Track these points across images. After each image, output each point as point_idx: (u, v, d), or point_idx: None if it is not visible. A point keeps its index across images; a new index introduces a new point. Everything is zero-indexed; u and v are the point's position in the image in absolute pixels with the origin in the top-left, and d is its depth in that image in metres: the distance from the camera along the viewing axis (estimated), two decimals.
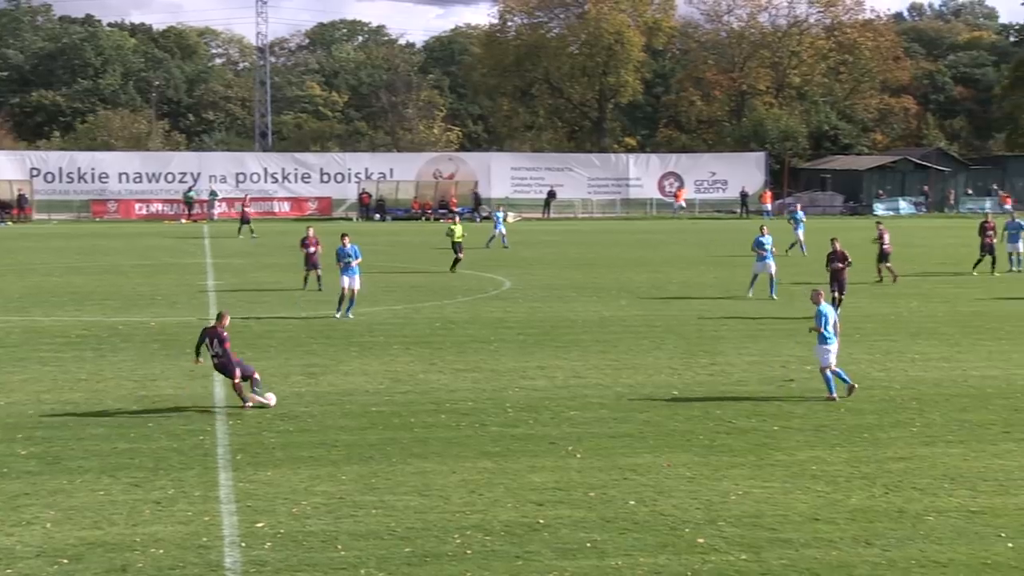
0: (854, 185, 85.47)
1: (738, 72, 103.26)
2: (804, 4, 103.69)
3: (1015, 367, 23.75)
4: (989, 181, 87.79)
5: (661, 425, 18.84)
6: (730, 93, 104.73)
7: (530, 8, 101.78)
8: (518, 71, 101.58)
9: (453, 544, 13.32)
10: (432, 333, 28.12)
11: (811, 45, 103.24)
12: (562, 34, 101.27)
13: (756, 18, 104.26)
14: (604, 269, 43.02)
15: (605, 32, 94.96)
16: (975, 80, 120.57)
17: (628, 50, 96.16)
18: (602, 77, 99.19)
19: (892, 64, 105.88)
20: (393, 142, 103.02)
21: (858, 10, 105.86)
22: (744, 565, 12.68)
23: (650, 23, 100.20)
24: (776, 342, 26.67)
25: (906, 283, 38.19)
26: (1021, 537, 13.49)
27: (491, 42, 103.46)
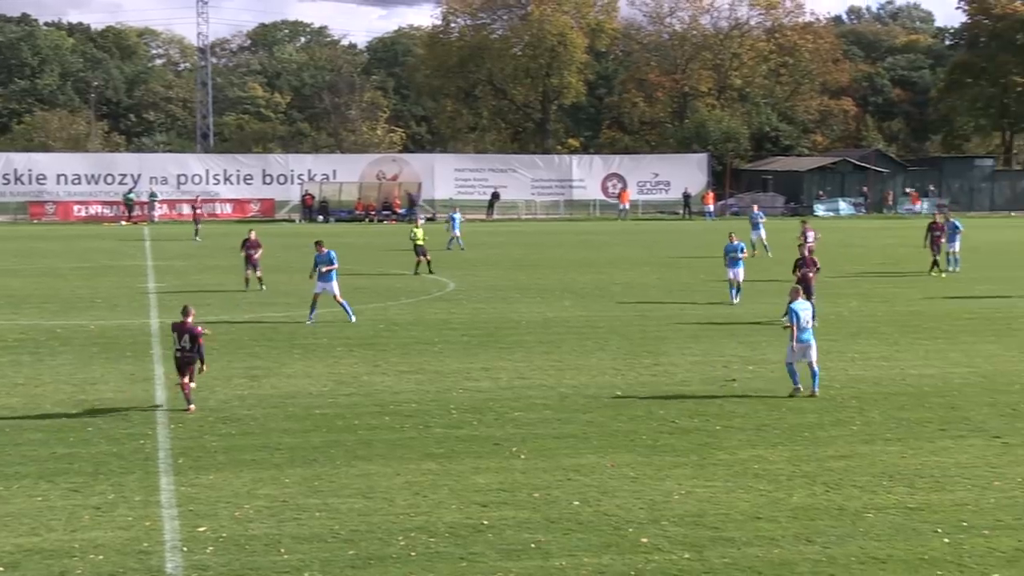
0: (795, 186, 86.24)
1: (680, 74, 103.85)
2: (745, 7, 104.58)
3: (951, 365, 24.08)
4: (926, 182, 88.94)
5: (605, 426, 18.91)
6: (672, 95, 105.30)
7: (473, 9, 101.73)
8: (461, 72, 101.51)
9: (397, 546, 13.29)
10: (376, 335, 28.03)
11: (752, 47, 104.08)
12: (505, 35, 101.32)
13: (698, 20, 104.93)
14: (548, 270, 43.11)
15: (548, 33, 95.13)
16: (912, 83, 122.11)
17: (571, 52, 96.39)
18: (545, 78, 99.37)
19: (831, 66, 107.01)
20: (336, 143, 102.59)
21: (798, 13, 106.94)
22: (687, 564, 12.76)
23: (593, 25, 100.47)
24: (718, 342, 26.85)
25: (846, 283, 38.58)
26: (957, 532, 13.69)
27: (434, 43, 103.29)
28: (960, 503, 14.80)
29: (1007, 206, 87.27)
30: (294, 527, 13.91)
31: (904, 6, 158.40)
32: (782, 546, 13.29)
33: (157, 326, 29.22)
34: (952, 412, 19.86)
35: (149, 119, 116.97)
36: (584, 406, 20.30)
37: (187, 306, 20.75)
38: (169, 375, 22.85)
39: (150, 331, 28.52)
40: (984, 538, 13.51)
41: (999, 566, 12.68)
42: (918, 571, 12.55)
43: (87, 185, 76.88)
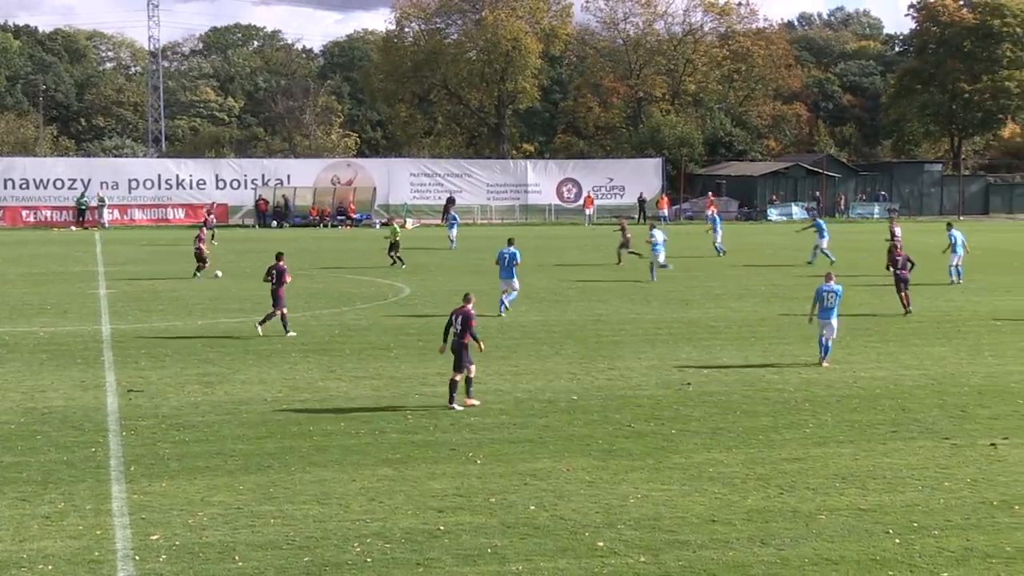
0: (748, 191, 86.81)
1: (635, 79, 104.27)
2: (699, 13, 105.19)
3: (902, 368, 24.32)
4: (877, 187, 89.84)
5: (561, 430, 18.94)
6: (627, 100, 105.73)
7: (428, 14, 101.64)
8: (416, 77, 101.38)
9: (353, 552, 13.25)
10: (331, 340, 27.93)
11: (706, 53, 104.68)
12: (460, 40, 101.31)
13: (652, 26, 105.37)
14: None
15: (503, 38, 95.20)
16: (863, 88, 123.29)
17: (526, 56, 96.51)
18: (500, 83, 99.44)
19: (784, 72, 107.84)
20: (290, 148, 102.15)
21: (751, 19, 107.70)
22: (643, 567, 12.81)
23: (547, 30, 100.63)
24: (674, 346, 26.98)
25: (799, 286, 38.84)
26: (908, 533, 13.82)
27: (389, 48, 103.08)
28: (911, 504, 14.95)
29: (956, 211, 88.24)
30: (248, 534, 13.83)
31: (854, 13, 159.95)
32: (736, 548, 13.36)
33: (108, 332, 28.96)
34: (903, 414, 20.06)
35: (99, 124, 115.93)
36: (540, 410, 20.33)
37: (468, 294, 21.69)
38: (121, 382, 22.68)
39: (101, 337, 28.26)
40: (934, 538, 13.66)
41: (948, 565, 12.82)
42: (870, 572, 12.66)
43: (36, 190, 75.81)
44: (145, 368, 24.26)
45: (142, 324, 30.29)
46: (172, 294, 37.05)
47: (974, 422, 19.47)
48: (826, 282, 25.02)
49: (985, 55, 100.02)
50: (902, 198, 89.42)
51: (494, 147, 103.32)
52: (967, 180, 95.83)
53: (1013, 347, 26.89)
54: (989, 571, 12.65)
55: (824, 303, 24.69)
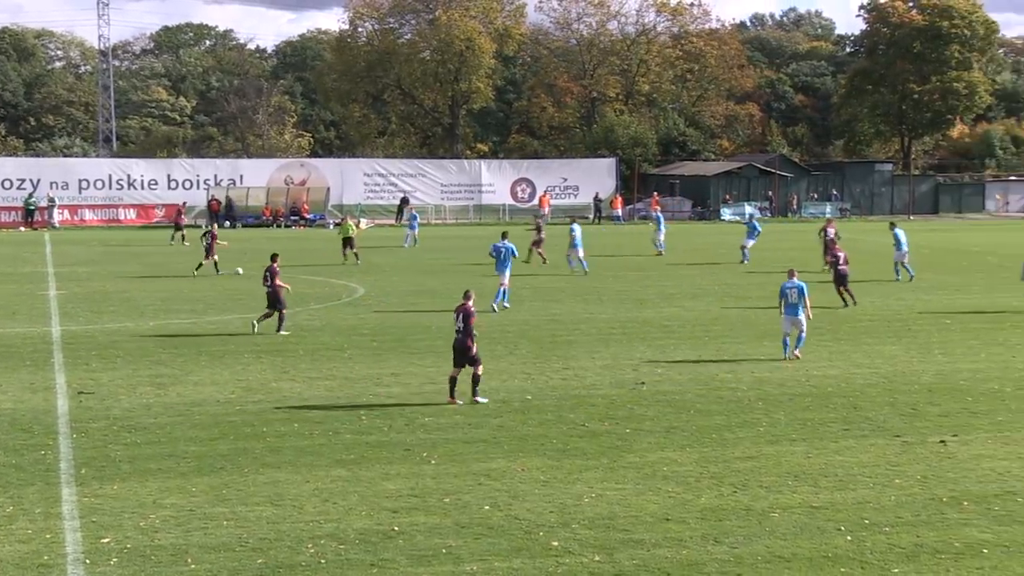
0: (702, 190, 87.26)
1: (588, 79, 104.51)
2: (652, 13, 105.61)
3: (854, 367, 24.52)
4: (829, 186, 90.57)
5: (515, 430, 18.95)
6: (581, 100, 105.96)
7: (381, 14, 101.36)
8: (370, 77, 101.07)
9: (307, 554, 13.19)
10: (284, 341, 27.80)
11: (659, 53, 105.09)
12: (413, 40, 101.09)
13: (605, 26, 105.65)
14: (457, 275, 43.06)
15: (456, 39, 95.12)
16: (815, 89, 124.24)
17: (479, 56, 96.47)
18: (454, 83, 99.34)
19: (737, 72, 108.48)
20: (243, 148, 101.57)
21: (704, 19, 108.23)
22: (597, 567, 12.83)
23: (501, 30, 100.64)
24: (628, 346, 27.05)
25: (752, 286, 39.10)
26: (859, 530, 13.94)
27: (342, 48, 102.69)
28: (862, 501, 15.07)
29: (906, 210, 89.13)
30: (201, 536, 13.73)
31: (806, 14, 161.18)
32: (690, 547, 13.42)
33: (59, 334, 28.68)
34: (855, 412, 20.22)
35: (49, 123, 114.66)
36: (494, 410, 20.33)
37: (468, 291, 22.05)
38: (71, 384, 22.46)
39: (51, 339, 27.97)
40: (885, 535, 13.78)
41: (899, 562, 12.94)
42: (822, 569, 12.76)
43: None
44: (96, 370, 24.05)
45: (93, 325, 30.01)
46: (123, 295, 36.74)
47: (924, 420, 19.66)
48: (789, 279, 25.58)
49: (934, 56, 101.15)
50: (853, 197, 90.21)
51: (448, 147, 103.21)
52: (917, 180, 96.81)
53: (962, 345, 27.19)
54: (938, 567, 12.78)
55: (788, 300, 25.27)
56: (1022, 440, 18.20)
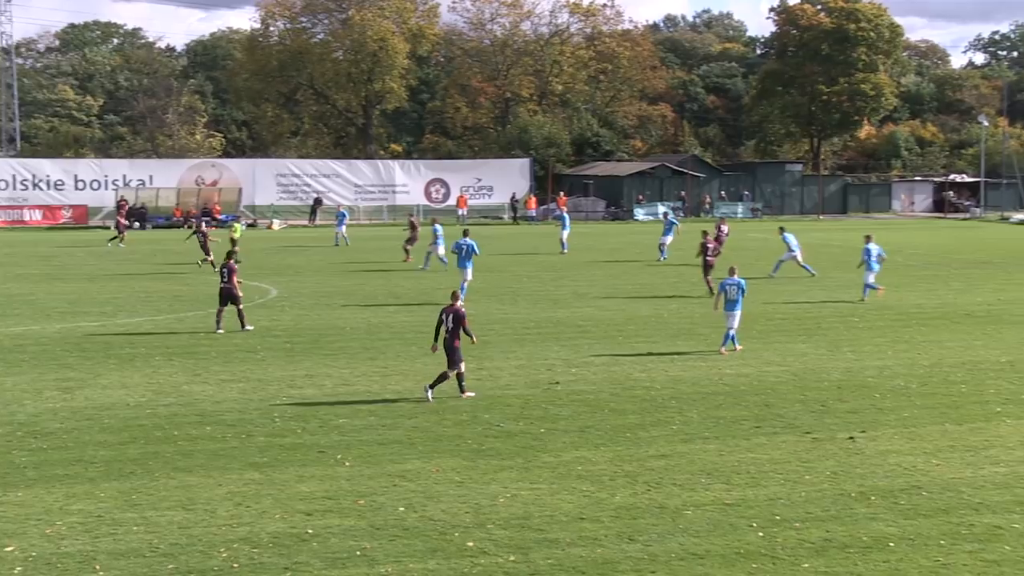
0: (615, 190, 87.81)
1: (502, 79, 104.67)
2: (565, 13, 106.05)
3: (765, 365, 24.82)
4: (741, 186, 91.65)
5: (430, 430, 18.91)
6: (495, 100, 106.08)
7: (293, 14, 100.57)
8: (282, 77, 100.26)
9: (219, 558, 13.04)
10: (196, 343, 27.46)
11: (572, 54, 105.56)
12: (326, 40, 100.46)
13: (519, 26, 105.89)
14: (371, 275, 42.90)
15: (369, 39, 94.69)
16: (726, 90, 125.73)
17: (393, 57, 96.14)
18: (367, 83, 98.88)
19: (649, 73, 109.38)
20: (153, 148, 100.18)
21: (617, 20, 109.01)
22: (512, 567, 12.84)
23: (414, 30, 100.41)
24: (542, 345, 27.12)
25: (666, 285, 39.41)
26: (771, 526, 14.11)
27: (253, 47, 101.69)
28: (773, 498, 15.26)
29: (815, 210, 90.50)
30: (110, 543, 13.51)
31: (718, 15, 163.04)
32: (605, 545, 13.48)
33: None
34: (766, 410, 20.47)
35: None
36: (409, 411, 20.27)
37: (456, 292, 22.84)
38: None
39: None
40: (795, 530, 13.97)
41: (809, 556, 13.12)
42: (734, 565, 12.89)
43: None
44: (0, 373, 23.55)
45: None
46: (28, 298, 36.03)
47: (834, 416, 19.96)
48: (729, 276, 26.59)
49: (842, 58, 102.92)
50: (764, 197, 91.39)
51: (362, 148, 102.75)
52: (826, 180, 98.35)
53: (870, 343, 27.66)
54: (847, 561, 12.99)
55: (727, 296, 26.25)
56: (927, 435, 18.56)
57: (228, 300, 29.19)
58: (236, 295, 29.29)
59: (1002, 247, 58.43)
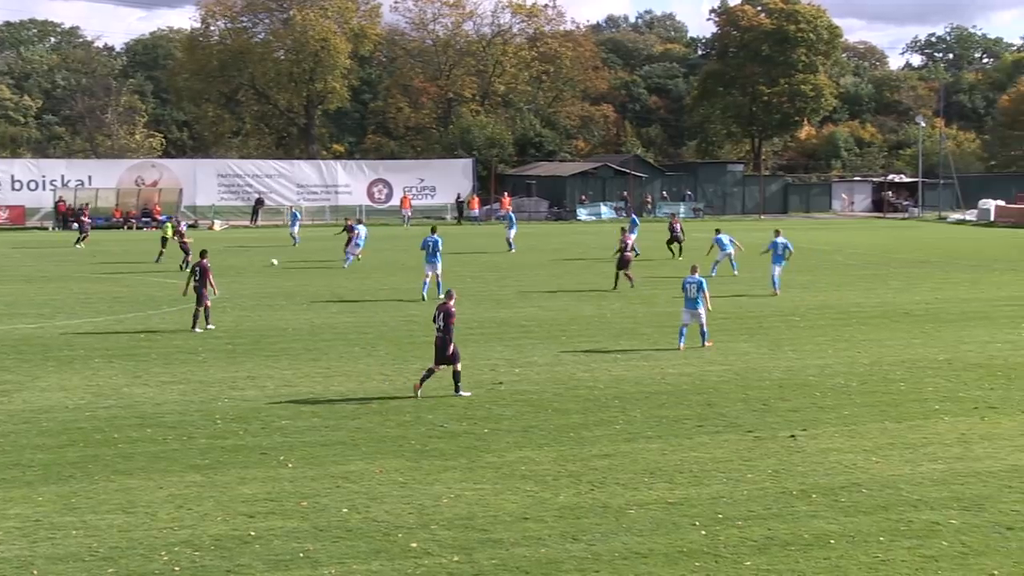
0: (558, 191, 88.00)
1: (445, 80, 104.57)
2: (507, 14, 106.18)
3: (708, 364, 24.98)
4: (683, 186, 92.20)
5: (373, 431, 18.85)
6: (437, 100, 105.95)
7: (234, 13, 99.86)
8: (223, 76, 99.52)
9: (160, 562, 12.91)
10: (136, 345, 27.19)
11: (515, 54, 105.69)
12: (267, 40, 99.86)
13: (461, 27, 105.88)
14: (313, 276, 42.69)
15: (311, 38, 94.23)
16: (668, 90, 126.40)
17: (335, 57, 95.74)
18: (309, 83, 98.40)
19: (592, 73, 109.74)
20: (92, 148, 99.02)
21: (559, 21, 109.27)
22: (456, 567, 12.83)
23: (356, 30, 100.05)
24: (485, 346, 27.12)
25: (606, 284, 39.52)
26: (713, 525, 14.20)
27: (194, 46, 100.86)
28: (716, 496, 15.36)
29: (756, 210, 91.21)
30: (48, 547, 13.34)
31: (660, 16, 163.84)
32: (549, 545, 13.50)
33: None
34: (709, 409, 20.60)
35: None
36: (352, 412, 20.19)
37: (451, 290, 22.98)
38: None
39: None
40: (738, 528, 14.06)
41: (751, 554, 13.22)
42: (677, 564, 12.96)
43: None
44: None
45: None
46: None
47: (775, 415, 20.13)
48: (690, 274, 27.11)
49: (782, 59, 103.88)
50: (706, 197, 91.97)
51: (304, 148, 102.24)
52: (767, 180, 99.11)
53: (810, 342, 27.92)
54: (789, 558, 13.10)
55: (687, 294, 26.76)
56: (867, 433, 18.76)
57: (201, 299, 29.54)
58: (203, 294, 29.50)
59: (940, 246, 59.24)
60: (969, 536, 13.77)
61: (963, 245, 60.67)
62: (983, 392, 22.00)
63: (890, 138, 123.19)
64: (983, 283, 41.13)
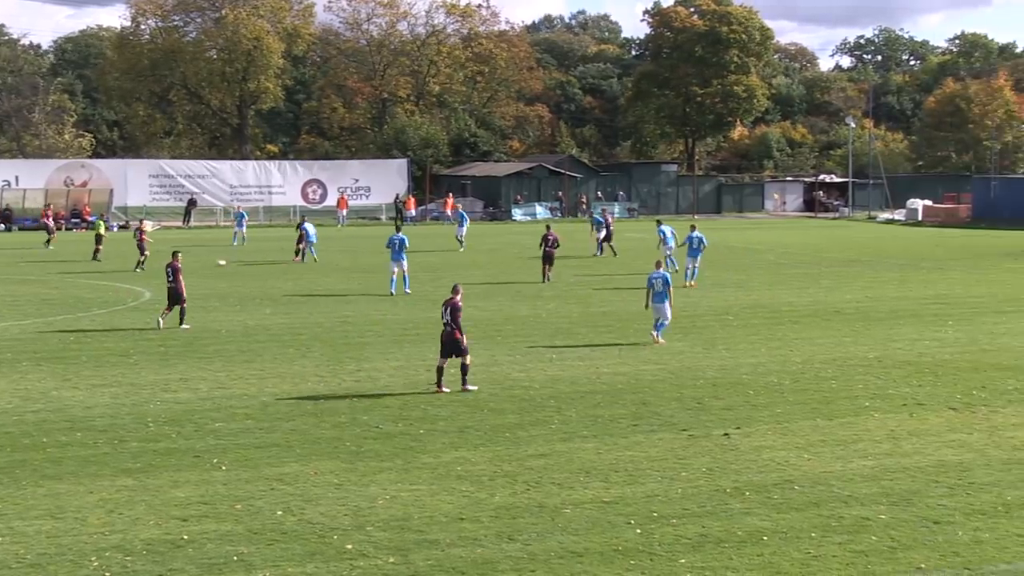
0: (493, 191, 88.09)
1: (379, 80, 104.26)
2: (442, 14, 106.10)
3: (642, 363, 25.10)
4: (617, 187, 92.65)
5: (308, 433, 18.74)
6: (372, 100, 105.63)
7: (164, 12, 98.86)
8: (154, 76, 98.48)
9: (90, 567, 12.74)
10: (66, 348, 26.82)
11: (449, 54, 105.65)
12: (199, 39, 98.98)
13: (395, 27, 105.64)
14: (248, 278, 42.38)
15: (244, 38, 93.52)
16: (602, 91, 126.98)
17: (268, 56, 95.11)
18: (242, 83, 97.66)
19: (526, 74, 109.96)
20: (19, 148, 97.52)
21: (493, 22, 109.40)
22: (392, 568, 12.79)
23: (289, 30, 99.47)
24: (421, 346, 27.05)
25: (544, 285, 39.62)
26: (648, 523, 14.27)
27: (124, 45, 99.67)
28: (651, 495, 15.44)
29: (690, 210, 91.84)
30: None
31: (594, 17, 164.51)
32: (485, 545, 13.51)
33: None
34: (643, 408, 20.70)
35: None
36: (287, 414, 20.06)
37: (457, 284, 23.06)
38: None
39: None
40: (672, 527, 14.15)
41: (685, 552, 13.30)
42: (612, 562, 13.01)
43: None
44: None
45: None
46: None
47: (709, 413, 20.27)
48: (656, 270, 27.89)
49: (715, 60, 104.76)
50: (640, 197, 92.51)
51: (237, 148, 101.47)
52: (701, 180, 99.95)
53: (744, 340, 28.17)
54: (722, 555, 13.20)
55: (654, 288, 27.45)
56: (799, 431, 18.96)
57: (175, 299, 29.86)
58: (181, 293, 29.76)
59: (869, 246, 60.05)
60: (898, 531, 13.97)
61: (892, 244, 61.56)
62: (911, 389, 22.32)
63: (821, 139, 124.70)
64: (911, 282, 41.75)
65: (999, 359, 25.51)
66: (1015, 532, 13.92)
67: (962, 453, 17.53)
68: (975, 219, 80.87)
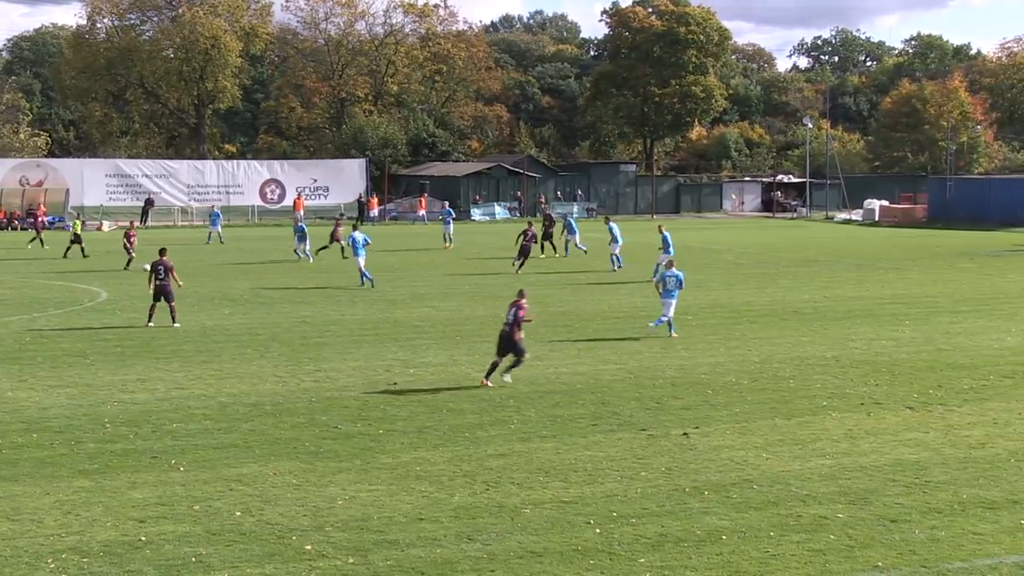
0: (452, 191, 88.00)
1: (337, 79, 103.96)
2: (400, 14, 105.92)
3: (601, 363, 25.16)
4: (576, 186, 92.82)
5: (266, 434, 18.66)
6: (330, 100, 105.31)
7: (121, 10, 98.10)
8: (110, 75, 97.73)
9: (46, 570, 12.64)
10: (21, 348, 26.56)
11: (407, 54, 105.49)
12: (156, 38, 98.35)
13: (353, 26, 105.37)
14: (206, 278, 42.13)
15: (201, 37, 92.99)
16: (561, 91, 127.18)
17: (225, 55, 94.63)
18: (199, 82, 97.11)
19: (485, 74, 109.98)
20: None
21: (451, 21, 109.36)
22: (352, 569, 12.77)
23: (247, 29, 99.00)
24: (380, 346, 27.02)
25: (502, 285, 39.63)
26: (608, 523, 14.31)
27: (80, 44, 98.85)
28: (610, 494, 15.48)
29: (649, 210, 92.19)
30: None
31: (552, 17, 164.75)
32: (444, 546, 13.50)
33: None
34: (603, 408, 20.75)
35: None
36: (245, 415, 19.97)
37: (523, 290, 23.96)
38: None
39: None
40: (632, 526, 14.19)
41: (645, 552, 13.35)
42: (572, 562, 13.04)
43: None
44: None
45: None
46: None
47: (668, 413, 20.34)
48: (667, 268, 29.37)
49: (673, 61, 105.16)
50: (599, 197, 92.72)
51: (195, 148, 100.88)
52: (659, 180, 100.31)
53: (702, 340, 28.29)
54: (682, 555, 13.26)
55: (666, 285, 28.65)
56: (758, 430, 19.07)
57: (162, 296, 30.03)
58: (170, 292, 30.12)
59: (827, 246, 60.48)
60: (855, 529, 14.08)
61: (849, 244, 62.03)
62: (869, 388, 22.50)
63: (778, 139, 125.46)
64: (868, 282, 42.09)
65: (955, 358, 25.76)
66: (971, 530, 14.07)
67: (919, 452, 17.70)
68: (931, 219, 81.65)
